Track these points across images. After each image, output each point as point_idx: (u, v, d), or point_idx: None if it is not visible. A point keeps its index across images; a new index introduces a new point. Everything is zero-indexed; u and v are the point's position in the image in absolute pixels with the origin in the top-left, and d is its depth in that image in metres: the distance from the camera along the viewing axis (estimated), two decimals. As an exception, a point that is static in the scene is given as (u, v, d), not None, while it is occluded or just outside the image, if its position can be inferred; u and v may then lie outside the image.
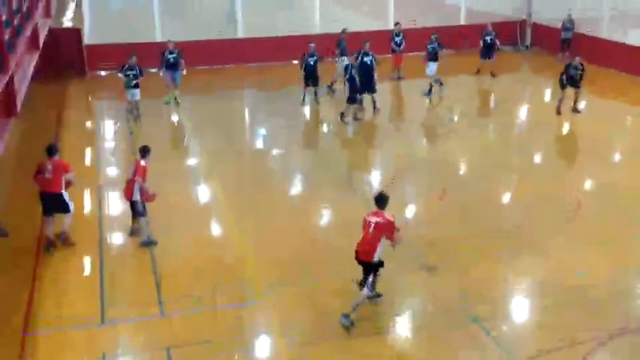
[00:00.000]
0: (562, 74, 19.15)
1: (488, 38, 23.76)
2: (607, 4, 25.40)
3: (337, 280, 10.75)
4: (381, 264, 9.59)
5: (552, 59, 25.80)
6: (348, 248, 11.68)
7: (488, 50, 23.79)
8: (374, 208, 9.75)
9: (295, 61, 21.60)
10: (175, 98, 20.81)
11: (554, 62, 24.89)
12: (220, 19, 27.01)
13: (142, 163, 11.77)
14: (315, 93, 20.69)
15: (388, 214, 9.57)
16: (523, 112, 21.11)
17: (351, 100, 18.73)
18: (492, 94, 23.42)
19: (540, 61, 26.66)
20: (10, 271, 11.11)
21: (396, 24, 24.15)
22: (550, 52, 26.84)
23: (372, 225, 9.47)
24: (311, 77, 20.34)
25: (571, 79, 19.05)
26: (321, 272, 11.06)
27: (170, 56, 20.38)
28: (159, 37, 25.41)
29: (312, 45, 20.59)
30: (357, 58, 19.40)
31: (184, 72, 20.64)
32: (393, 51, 23.56)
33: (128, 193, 11.85)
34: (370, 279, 9.56)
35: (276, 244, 12.05)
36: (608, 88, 22.29)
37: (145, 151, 11.94)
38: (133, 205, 11.92)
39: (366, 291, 9.62)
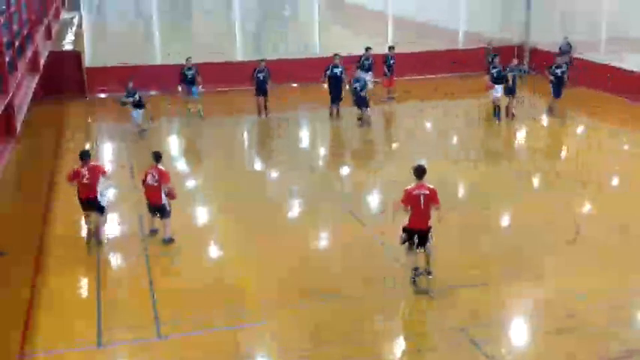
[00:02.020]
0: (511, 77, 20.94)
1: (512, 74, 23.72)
2: (605, 28, 25.58)
3: (337, 301, 10.73)
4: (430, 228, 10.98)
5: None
6: (347, 268, 11.77)
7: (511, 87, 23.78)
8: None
9: (295, 84, 21.85)
10: (199, 111, 21.72)
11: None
12: (219, 40, 27.16)
13: (162, 167, 12.65)
14: (265, 105, 21.91)
15: (428, 183, 10.84)
16: (520, 135, 21.18)
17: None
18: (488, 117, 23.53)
19: (537, 84, 26.72)
20: (6, 292, 11.05)
21: (390, 48, 24.23)
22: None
23: (422, 198, 10.72)
24: (261, 89, 21.71)
25: (509, 87, 20.85)
26: (322, 293, 11.00)
27: (188, 73, 21.52)
28: (159, 60, 25.60)
29: (263, 62, 21.96)
30: (326, 71, 21.30)
31: (201, 87, 21.63)
32: (385, 74, 23.69)
33: (155, 199, 12.60)
34: (430, 238, 11.00)
35: (275, 265, 12.00)
36: (606, 113, 22.38)
37: (159, 156, 12.79)
38: (159, 208, 12.66)
39: (430, 243, 11.02)
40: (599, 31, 25.77)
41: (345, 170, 18.02)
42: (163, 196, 12.57)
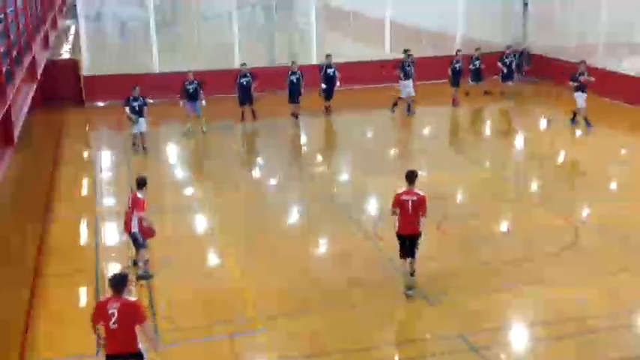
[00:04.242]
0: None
1: (457, 66, 23.89)
2: (602, 32, 25.67)
3: (335, 310, 10.72)
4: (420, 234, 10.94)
5: (547, 87, 26.26)
6: (346, 275, 11.77)
7: (456, 78, 23.93)
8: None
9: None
10: (201, 127, 20.90)
11: (549, 90, 25.67)
12: (218, 49, 27.15)
13: (139, 195, 11.54)
14: (253, 112, 21.88)
15: (418, 190, 10.84)
16: (517, 141, 21.24)
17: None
18: (481, 123, 23.70)
19: (533, 89, 26.84)
20: (4, 302, 11.03)
21: (406, 50, 24.12)
22: (545, 79, 27.10)
23: (410, 204, 10.74)
24: (246, 97, 21.69)
25: (454, 78, 23.32)
26: (319, 302, 11.00)
27: (190, 87, 20.54)
28: (157, 69, 25.61)
29: (245, 66, 21.95)
30: (321, 70, 22.57)
31: (204, 102, 20.69)
32: (401, 78, 23.68)
33: (127, 226, 11.74)
34: (417, 247, 10.97)
35: (273, 274, 11.97)
36: (604, 117, 22.38)
37: (141, 183, 11.68)
38: (132, 237, 11.79)
39: (415, 256, 10.99)
40: (596, 36, 25.87)
41: (344, 175, 18.03)
42: (134, 224, 11.50)
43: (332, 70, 22.56)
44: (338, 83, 22.59)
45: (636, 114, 22.29)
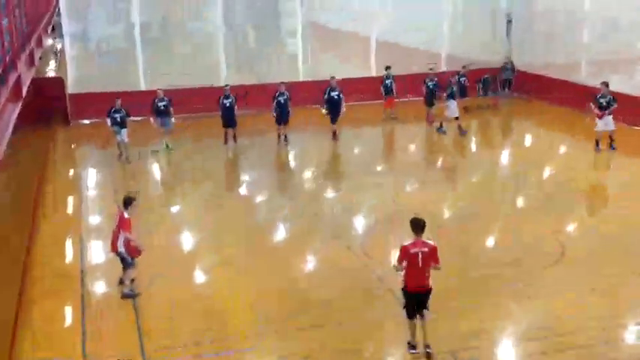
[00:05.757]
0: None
1: (430, 84, 23.68)
2: (586, 49, 25.99)
3: (327, 327, 10.66)
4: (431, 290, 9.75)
5: (533, 103, 26.49)
6: (336, 294, 11.71)
7: (429, 97, 23.73)
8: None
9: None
10: (167, 145, 21.03)
11: (535, 106, 26.06)
12: (203, 67, 27.19)
13: (125, 215, 11.49)
14: (234, 135, 21.52)
15: (427, 239, 9.61)
16: (509, 152, 21.38)
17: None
18: (472, 139, 23.77)
19: (522, 105, 27.07)
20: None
21: (387, 67, 24.38)
22: (531, 96, 27.34)
23: (420, 257, 9.48)
24: (229, 119, 21.27)
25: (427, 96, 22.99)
26: (308, 322, 10.89)
27: (160, 104, 20.83)
28: (143, 86, 25.59)
29: (228, 87, 21.43)
30: (325, 94, 21.55)
31: (173, 120, 21.00)
32: (386, 94, 24.05)
33: (113, 245, 11.66)
34: (428, 307, 9.73)
35: (265, 291, 11.89)
36: (589, 133, 22.54)
37: (127, 202, 11.58)
38: (118, 256, 11.65)
39: (428, 315, 9.76)
40: (580, 53, 26.18)
41: (333, 194, 17.95)
42: (120, 243, 11.43)
43: (336, 92, 21.49)
44: (343, 109, 21.53)
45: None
